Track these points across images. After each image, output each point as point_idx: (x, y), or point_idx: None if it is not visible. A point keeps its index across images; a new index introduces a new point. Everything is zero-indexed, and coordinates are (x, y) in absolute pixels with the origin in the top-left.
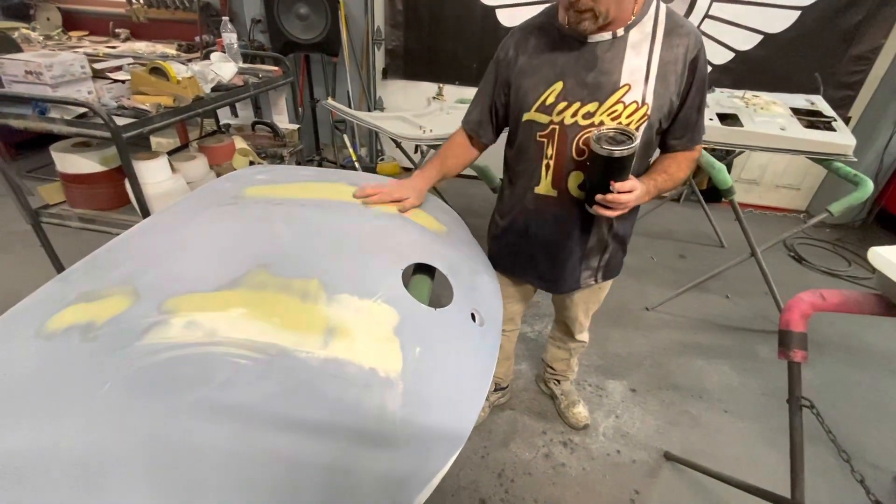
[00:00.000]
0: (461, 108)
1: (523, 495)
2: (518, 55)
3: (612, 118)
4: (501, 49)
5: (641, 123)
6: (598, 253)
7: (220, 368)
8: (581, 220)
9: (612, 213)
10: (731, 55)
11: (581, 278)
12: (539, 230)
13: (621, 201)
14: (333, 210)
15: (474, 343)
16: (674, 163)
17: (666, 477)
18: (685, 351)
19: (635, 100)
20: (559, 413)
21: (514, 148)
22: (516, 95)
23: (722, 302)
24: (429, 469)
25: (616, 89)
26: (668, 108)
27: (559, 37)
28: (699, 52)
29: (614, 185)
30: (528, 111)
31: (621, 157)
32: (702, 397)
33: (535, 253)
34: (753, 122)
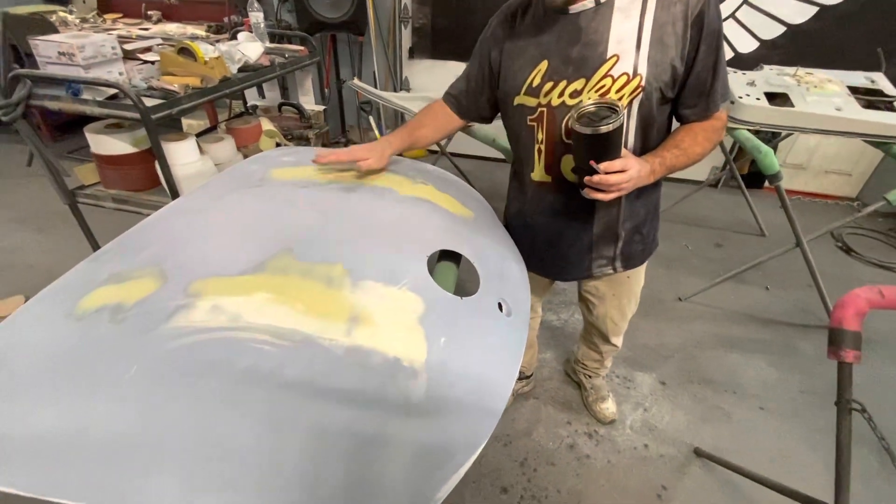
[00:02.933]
0: None
1: (546, 485)
2: (504, 37)
3: (601, 94)
4: (487, 29)
5: (635, 96)
6: (611, 240)
7: (244, 354)
8: (581, 206)
9: (606, 196)
10: (782, 29)
11: (593, 267)
12: (538, 218)
13: (610, 182)
14: (361, 193)
15: (501, 334)
16: (688, 135)
17: (695, 474)
18: (720, 344)
19: (625, 71)
20: (585, 405)
21: (510, 135)
22: (505, 79)
23: (761, 294)
24: (453, 462)
25: (602, 62)
26: (671, 75)
27: (542, 12)
28: (703, 6)
29: (599, 166)
30: (518, 94)
31: (606, 132)
32: (736, 393)
33: (535, 241)
34: (805, 102)
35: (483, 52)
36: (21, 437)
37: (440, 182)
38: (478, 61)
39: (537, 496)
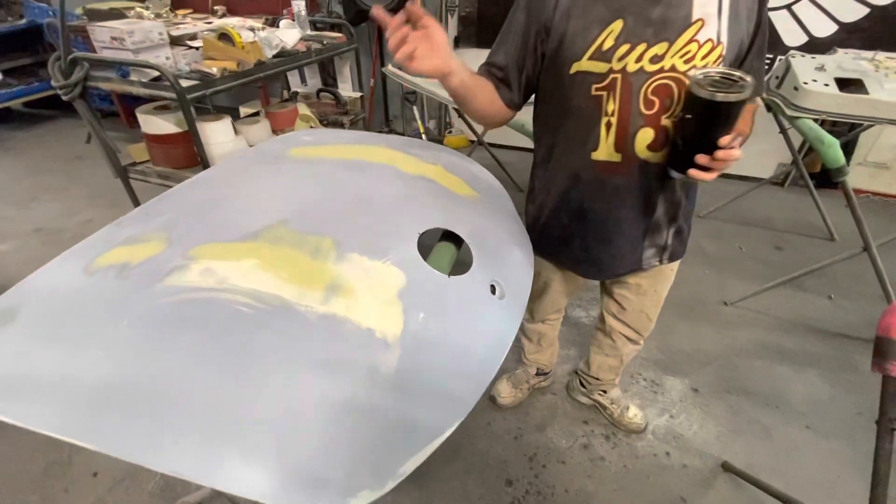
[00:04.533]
0: None
1: (553, 483)
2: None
3: (686, 61)
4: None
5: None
6: (666, 227)
7: (223, 313)
8: (648, 187)
9: (712, 175)
10: (865, 10)
11: (643, 258)
12: (596, 204)
13: (734, 158)
14: (365, 171)
15: (490, 316)
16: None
17: (720, 489)
18: (766, 354)
19: (710, 38)
20: (614, 423)
21: (554, 110)
22: (559, 43)
23: (823, 303)
24: (421, 438)
25: (688, 25)
26: (739, 50)
27: None
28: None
29: (721, 140)
30: (579, 60)
31: (736, 102)
32: (779, 407)
33: (586, 233)
34: (882, 89)
35: (533, 14)
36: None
37: (450, 164)
38: (520, 28)
39: (543, 492)
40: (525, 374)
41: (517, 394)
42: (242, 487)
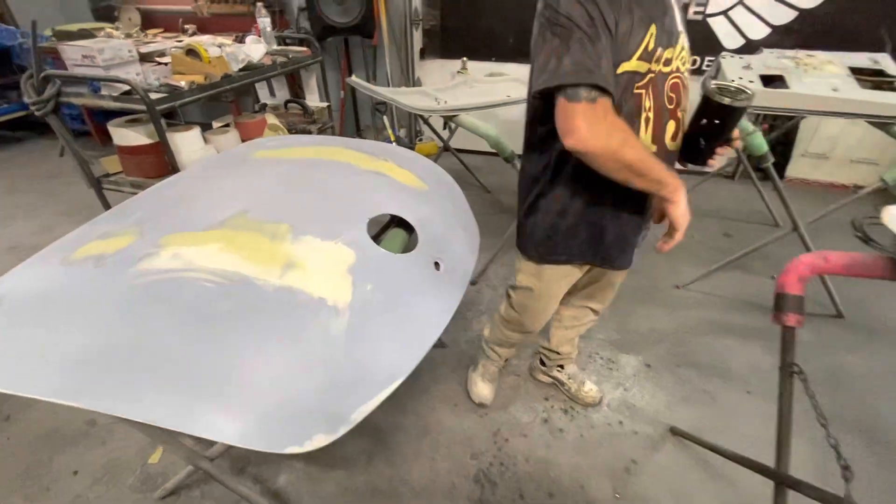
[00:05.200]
0: (486, 82)
1: (515, 455)
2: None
3: (683, 64)
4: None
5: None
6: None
7: (189, 288)
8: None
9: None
10: (794, 14)
11: (638, 243)
12: (635, 194)
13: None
14: (322, 167)
15: (431, 287)
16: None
17: (668, 450)
18: (714, 330)
19: (685, 45)
20: (572, 397)
21: None
22: (618, 44)
23: (765, 283)
24: (368, 390)
25: (679, 33)
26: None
27: None
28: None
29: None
30: (629, 59)
31: (744, 106)
32: (724, 377)
33: (624, 224)
34: (801, 84)
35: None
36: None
37: (402, 160)
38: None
39: (505, 463)
40: (496, 367)
41: (495, 387)
42: (213, 432)
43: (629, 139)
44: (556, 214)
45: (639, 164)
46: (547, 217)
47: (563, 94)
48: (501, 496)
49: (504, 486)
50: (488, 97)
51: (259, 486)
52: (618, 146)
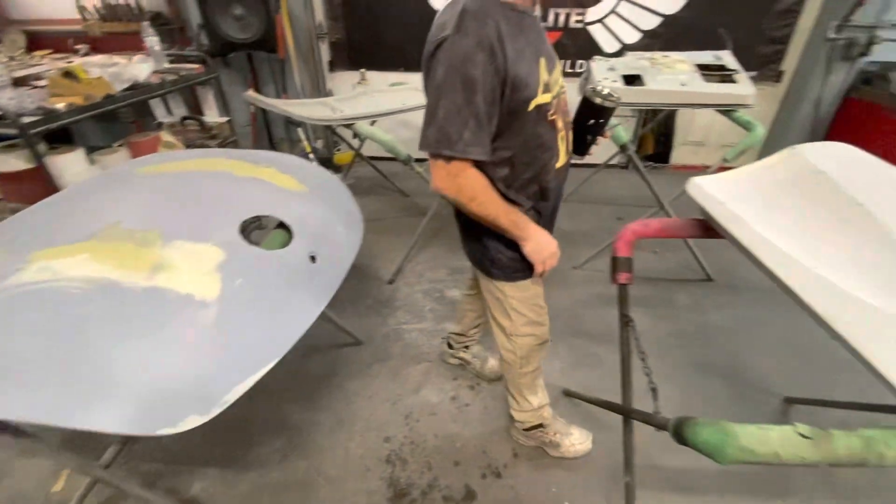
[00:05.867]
0: (388, 91)
1: (425, 433)
2: (503, 42)
3: (561, 79)
4: (484, 40)
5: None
6: None
7: (57, 296)
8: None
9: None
10: (659, 19)
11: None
12: (556, 202)
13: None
14: (201, 178)
15: (304, 279)
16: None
17: (562, 410)
18: (605, 303)
19: (557, 62)
20: (478, 374)
21: (515, 143)
22: (518, 87)
23: (650, 257)
24: (240, 374)
25: (554, 54)
26: None
27: (511, 12)
28: None
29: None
30: (536, 96)
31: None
32: (610, 342)
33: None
34: (656, 81)
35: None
36: None
37: (284, 166)
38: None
39: (415, 441)
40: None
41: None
42: (92, 424)
43: (478, 197)
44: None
45: (486, 217)
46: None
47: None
48: (412, 471)
49: (414, 461)
50: (386, 105)
51: (171, 496)
52: (466, 201)
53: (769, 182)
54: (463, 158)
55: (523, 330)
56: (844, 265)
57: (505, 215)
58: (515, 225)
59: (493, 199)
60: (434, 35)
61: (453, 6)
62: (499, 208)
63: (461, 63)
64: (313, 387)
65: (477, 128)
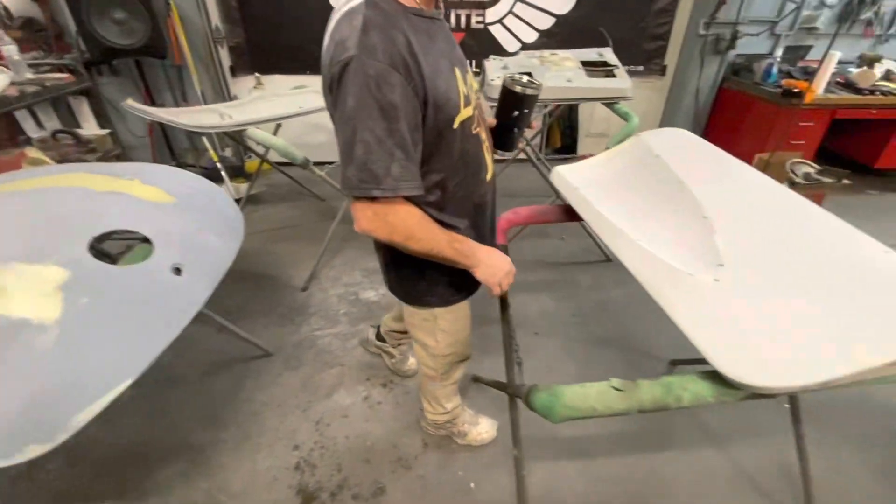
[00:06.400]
0: (288, 95)
1: (336, 436)
2: (417, 57)
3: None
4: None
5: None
6: None
7: None
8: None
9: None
10: (553, 19)
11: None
12: (491, 213)
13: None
14: (53, 195)
15: (166, 294)
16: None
17: (471, 396)
18: (513, 290)
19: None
20: (394, 370)
21: (443, 160)
22: (438, 105)
23: (557, 243)
24: (88, 396)
25: (464, 59)
26: None
27: (418, 19)
28: None
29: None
30: (459, 112)
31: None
32: (518, 326)
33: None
34: (544, 78)
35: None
36: None
37: (151, 177)
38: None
39: (326, 445)
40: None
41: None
42: None
43: (415, 234)
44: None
45: (428, 253)
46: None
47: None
48: (321, 475)
49: (323, 465)
50: (283, 109)
51: None
52: (403, 241)
53: (618, 167)
54: (394, 197)
55: (448, 350)
56: (663, 236)
57: (448, 245)
58: (461, 254)
59: (433, 232)
60: (334, 55)
61: (350, 18)
62: (441, 240)
63: (376, 87)
64: (218, 404)
65: (405, 159)
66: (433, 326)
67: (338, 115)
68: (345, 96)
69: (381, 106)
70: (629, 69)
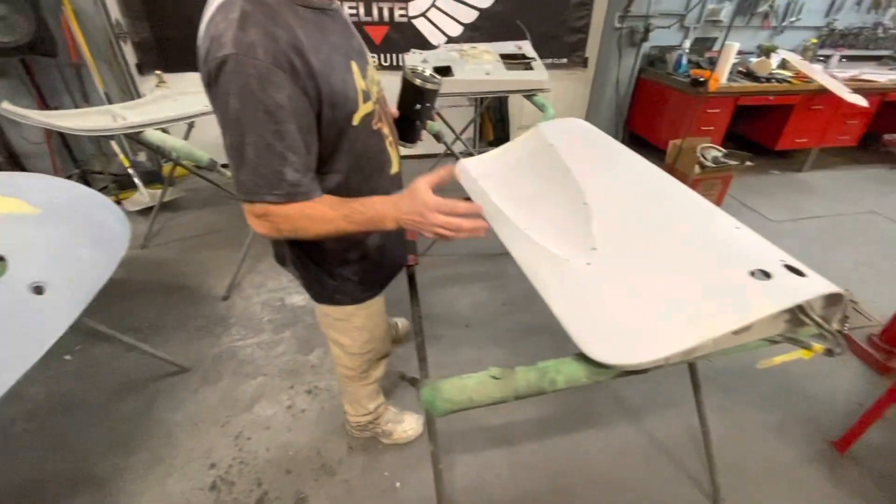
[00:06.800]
0: (196, 93)
1: (256, 449)
2: (304, 54)
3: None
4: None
5: None
6: None
7: None
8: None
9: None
10: (476, 13)
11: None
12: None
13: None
14: None
15: (22, 316)
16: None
17: (400, 394)
18: (446, 284)
19: (369, 57)
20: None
21: (345, 157)
22: (333, 103)
23: (489, 235)
24: None
25: (364, 50)
26: None
27: (305, 10)
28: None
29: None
30: (358, 109)
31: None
32: (450, 320)
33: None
34: (463, 71)
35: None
36: None
37: (10, 188)
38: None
39: (245, 461)
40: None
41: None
42: None
43: (299, 225)
44: (345, 251)
45: (327, 235)
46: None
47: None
48: (239, 492)
49: (242, 481)
50: (185, 109)
51: None
52: (291, 232)
53: (516, 157)
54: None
55: (365, 347)
56: (548, 224)
57: (346, 222)
58: (362, 224)
59: (324, 219)
60: (210, 51)
61: (226, 10)
62: (332, 219)
63: (259, 88)
64: (126, 428)
65: (298, 162)
66: (347, 325)
67: (221, 115)
68: (225, 97)
69: (267, 108)
70: (553, 62)
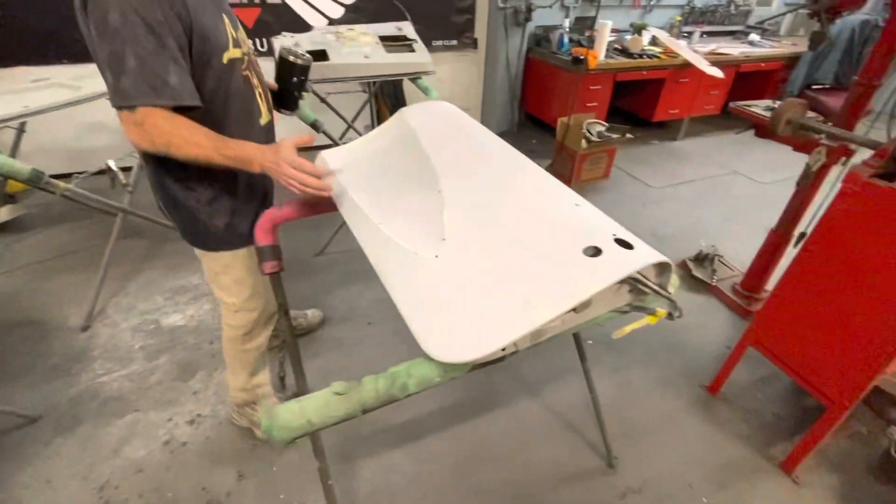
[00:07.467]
0: (20, 91)
1: (127, 497)
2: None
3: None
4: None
5: None
6: None
7: None
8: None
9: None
10: None
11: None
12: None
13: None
14: None
15: None
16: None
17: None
18: (347, 282)
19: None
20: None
21: (216, 99)
22: (203, 36)
23: None
24: None
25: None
26: None
27: None
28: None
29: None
30: (228, 49)
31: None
32: (351, 318)
33: (269, 187)
34: (339, 55)
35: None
36: None
37: None
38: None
39: None
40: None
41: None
42: None
43: (173, 140)
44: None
45: (197, 159)
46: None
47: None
48: None
49: None
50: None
51: None
52: (164, 149)
53: (381, 145)
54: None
55: (249, 304)
56: (402, 217)
57: (216, 153)
58: (232, 160)
59: (196, 138)
60: None
61: None
62: (205, 146)
63: (140, 5)
64: None
65: (180, 71)
66: (227, 279)
67: (98, 30)
68: (104, 13)
69: (148, 23)
70: (444, 44)
